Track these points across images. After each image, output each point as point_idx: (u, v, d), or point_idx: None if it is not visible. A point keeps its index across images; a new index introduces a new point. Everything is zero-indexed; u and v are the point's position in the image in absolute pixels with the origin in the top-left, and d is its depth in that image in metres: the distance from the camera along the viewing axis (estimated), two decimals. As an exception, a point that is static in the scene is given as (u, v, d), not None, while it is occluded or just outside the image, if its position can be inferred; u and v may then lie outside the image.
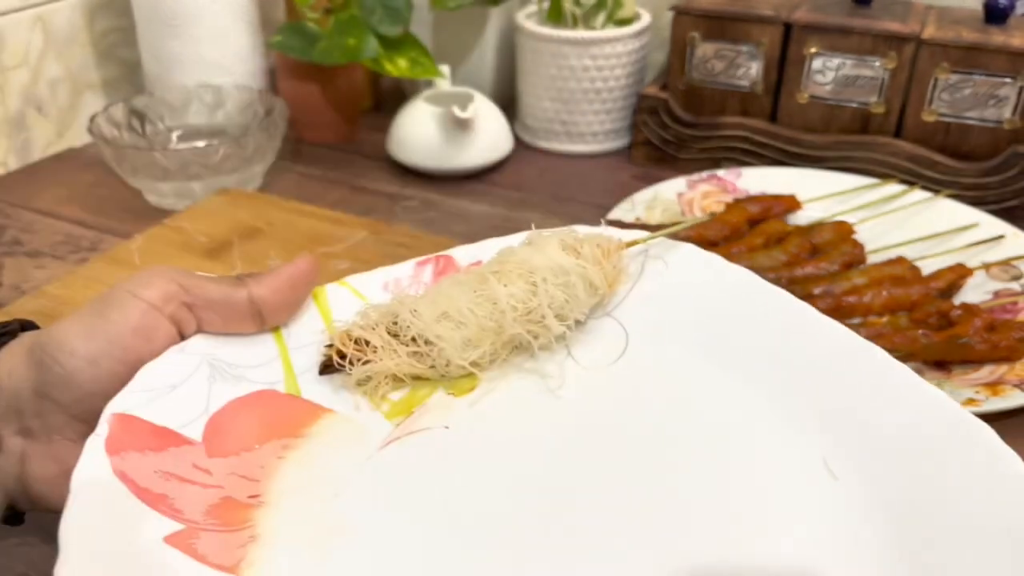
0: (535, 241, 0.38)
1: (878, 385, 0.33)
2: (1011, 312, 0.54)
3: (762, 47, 0.71)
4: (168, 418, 0.32)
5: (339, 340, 0.36)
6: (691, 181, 0.68)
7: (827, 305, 0.53)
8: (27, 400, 0.31)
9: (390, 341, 0.35)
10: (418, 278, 0.40)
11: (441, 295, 0.36)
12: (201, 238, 0.62)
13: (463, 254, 0.41)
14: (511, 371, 0.37)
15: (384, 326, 0.36)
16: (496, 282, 0.36)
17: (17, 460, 0.32)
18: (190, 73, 0.77)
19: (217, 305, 0.34)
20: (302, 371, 0.36)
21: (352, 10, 0.74)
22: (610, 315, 0.39)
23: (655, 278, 0.40)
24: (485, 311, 0.36)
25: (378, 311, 0.37)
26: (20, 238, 0.66)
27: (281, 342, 0.36)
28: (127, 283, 0.33)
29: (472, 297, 0.36)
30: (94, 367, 0.31)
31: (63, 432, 0.32)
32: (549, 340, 0.37)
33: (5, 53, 0.74)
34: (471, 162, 0.73)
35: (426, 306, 0.36)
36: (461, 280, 0.37)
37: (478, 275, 0.37)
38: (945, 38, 0.65)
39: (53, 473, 0.32)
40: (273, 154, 0.71)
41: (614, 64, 0.76)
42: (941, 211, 0.63)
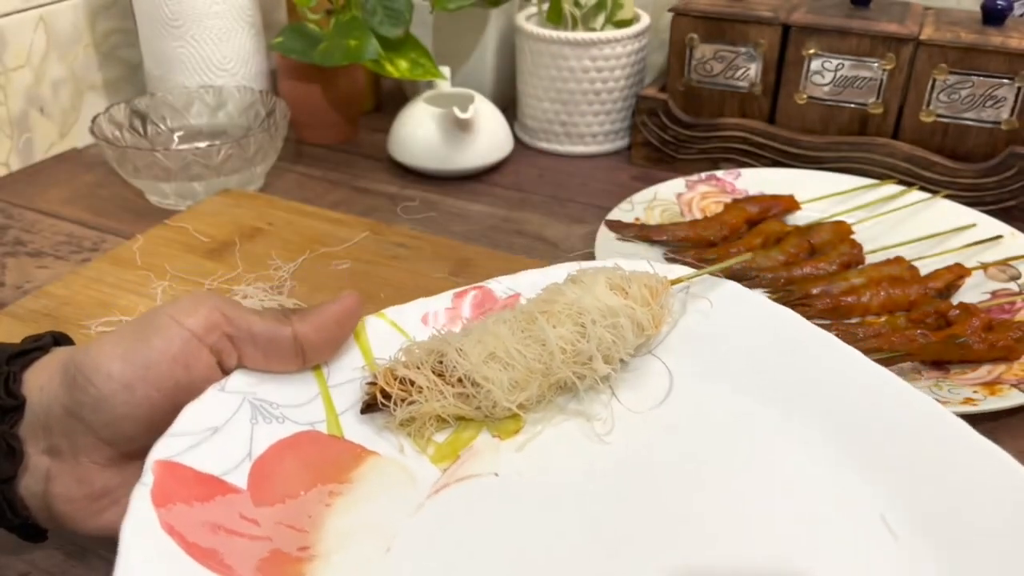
0: (582, 279, 0.38)
1: (935, 439, 0.32)
2: (1009, 312, 0.54)
3: (761, 48, 0.71)
4: (212, 464, 0.31)
5: (383, 379, 0.35)
6: (690, 182, 0.68)
7: (825, 305, 0.53)
8: (57, 418, 0.31)
9: (436, 381, 0.35)
10: (457, 309, 0.40)
11: (488, 334, 0.35)
12: (203, 238, 0.62)
13: (500, 286, 0.41)
14: (555, 412, 0.37)
15: (430, 365, 0.35)
16: (545, 323, 0.35)
17: (42, 478, 0.32)
18: (192, 74, 0.78)
19: (260, 340, 0.33)
20: (343, 409, 0.35)
21: (353, 12, 0.74)
22: (654, 354, 0.39)
23: (698, 316, 0.39)
24: (533, 352, 0.35)
25: (422, 349, 0.36)
26: (22, 238, 0.66)
27: (321, 379, 0.36)
28: (171, 307, 0.32)
29: (520, 337, 0.35)
30: (128, 392, 0.31)
31: (90, 454, 0.32)
32: (595, 381, 0.37)
33: (8, 54, 0.75)
34: (471, 163, 0.74)
35: (472, 345, 0.35)
36: (507, 318, 0.36)
37: (526, 314, 0.36)
38: (943, 39, 0.66)
39: (77, 495, 0.32)
40: (274, 155, 0.71)
41: (613, 65, 0.76)
42: (939, 211, 0.64)
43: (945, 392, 0.47)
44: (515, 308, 0.37)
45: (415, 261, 0.60)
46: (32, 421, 0.31)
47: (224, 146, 0.65)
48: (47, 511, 0.32)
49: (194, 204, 0.68)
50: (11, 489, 0.31)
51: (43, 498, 0.32)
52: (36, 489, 0.32)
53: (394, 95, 0.92)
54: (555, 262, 0.60)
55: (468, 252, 0.61)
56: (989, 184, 0.66)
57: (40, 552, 0.39)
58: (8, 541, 0.39)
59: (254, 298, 0.55)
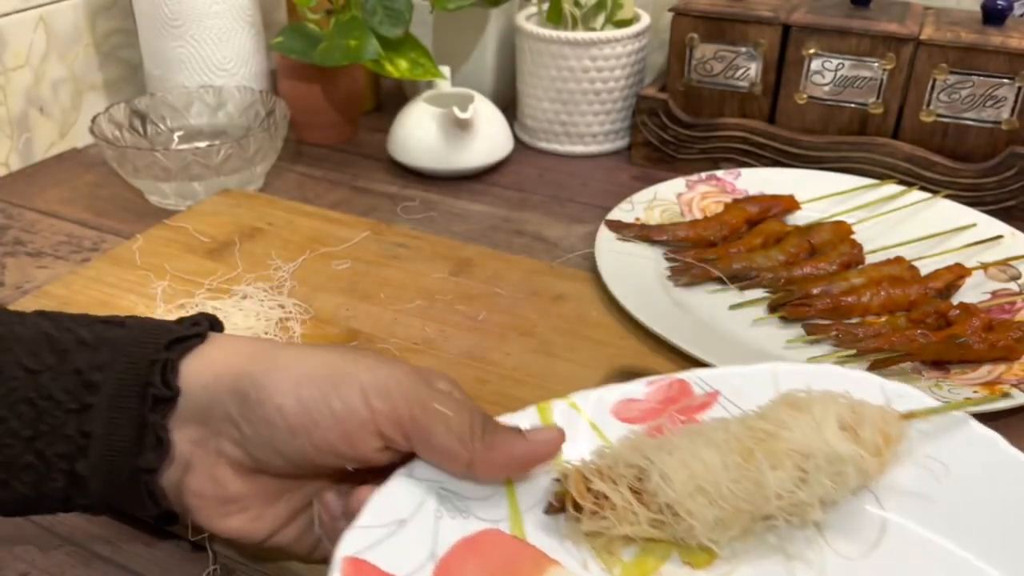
0: (810, 409, 0.33)
1: None
2: (1009, 312, 0.54)
3: (761, 48, 0.71)
4: (398, 563, 0.30)
5: (575, 487, 0.32)
6: (690, 182, 0.68)
7: (825, 305, 0.53)
8: (215, 419, 0.31)
9: (631, 502, 0.32)
10: (648, 402, 0.37)
11: (695, 459, 0.32)
12: (203, 238, 0.62)
13: (699, 381, 0.38)
14: (754, 543, 0.34)
15: (627, 482, 0.32)
16: (763, 461, 0.32)
17: (182, 467, 0.32)
18: (191, 74, 0.78)
19: (434, 452, 0.31)
20: (527, 508, 0.33)
21: (353, 11, 0.74)
22: (869, 490, 0.35)
23: (926, 457, 0.35)
24: (744, 491, 0.32)
25: (618, 458, 0.33)
26: (22, 238, 0.66)
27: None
28: (366, 374, 0.30)
29: (733, 474, 0.32)
30: (289, 435, 0.30)
31: (231, 459, 0.31)
32: (803, 522, 0.33)
33: (8, 54, 0.75)
34: (471, 163, 0.74)
35: (677, 469, 0.32)
36: (718, 442, 0.33)
37: (740, 442, 0.33)
38: (943, 39, 0.66)
39: (209, 493, 0.32)
40: (274, 155, 0.71)
41: (613, 65, 0.76)
42: (939, 211, 0.64)
43: (945, 392, 0.46)
44: (726, 428, 0.34)
45: (415, 261, 0.60)
46: (186, 413, 0.31)
47: (224, 146, 0.65)
48: (178, 499, 0.32)
49: (194, 204, 0.68)
50: (153, 480, 0.31)
51: (177, 485, 0.32)
52: (173, 477, 0.32)
53: (394, 95, 0.92)
54: (555, 262, 0.61)
55: (468, 252, 0.61)
56: (989, 184, 0.66)
57: (40, 552, 0.39)
58: (8, 541, 0.39)
59: (254, 298, 0.55)
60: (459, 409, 0.31)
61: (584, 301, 0.56)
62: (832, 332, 0.52)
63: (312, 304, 0.55)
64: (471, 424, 0.31)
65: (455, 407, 0.31)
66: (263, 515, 0.33)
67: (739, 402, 0.37)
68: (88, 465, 0.31)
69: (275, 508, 0.33)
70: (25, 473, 0.31)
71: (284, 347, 0.32)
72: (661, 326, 0.50)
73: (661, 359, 0.50)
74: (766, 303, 0.55)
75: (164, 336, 0.32)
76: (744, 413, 0.35)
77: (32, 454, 0.31)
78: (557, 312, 0.55)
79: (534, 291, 0.57)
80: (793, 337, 0.53)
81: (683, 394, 0.37)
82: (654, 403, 0.37)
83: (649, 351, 0.50)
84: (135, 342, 0.32)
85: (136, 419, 0.31)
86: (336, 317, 0.54)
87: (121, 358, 0.31)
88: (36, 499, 0.32)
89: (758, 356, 0.50)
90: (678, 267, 0.59)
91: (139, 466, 0.31)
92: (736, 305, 0.55)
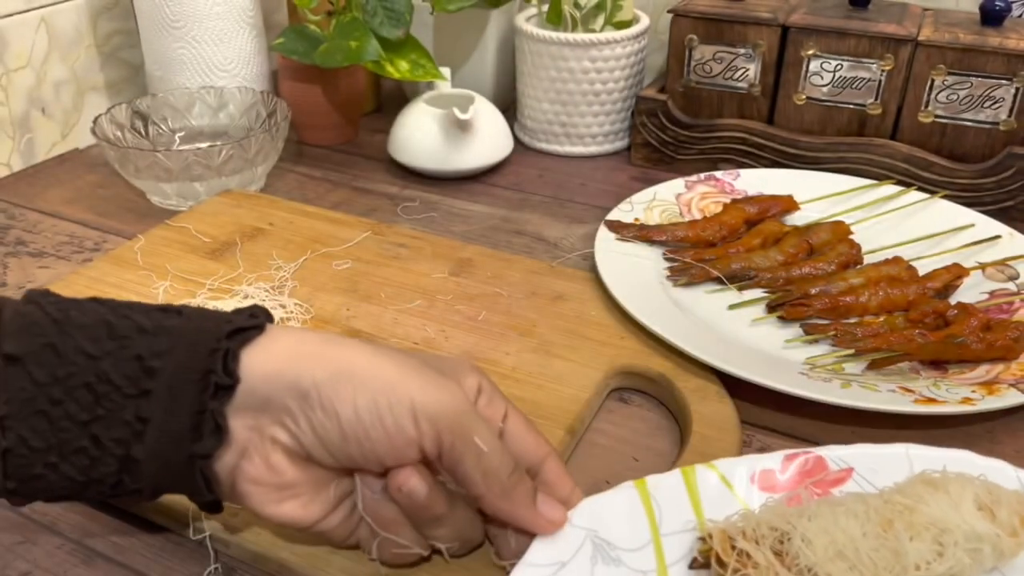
0: (946, 487, 0.35)
1: None
2: (1007, 312, 0.54)
3: (760, 49, 0.72)
4: None
5: (720, 544, 0.34)
6: (689, 182, 0.68)
7: (824, 305, 0.54)
8: (274, 408, 0.32)
9: (773, 562, 0.34)
10: (784, 473, 0.39)
11: (836, 527, 0.34)
12: (204, 239, 0.62)
13: (834, 457, 0.39)
14: None
15: (769, 543, 0.34)
16: (903, 532, 0.33)
17: (238, 452, 0.32)
18: (193, 75, 0.78)
19: (456, 477, 0.33)
20: (672, 562, 0.36)
21: (354, 13, 0.75)
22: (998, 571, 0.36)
23: None
24: (883, 561, 0.33)
25: (761, 522, 0.35)
26: (24, 238, 0.66)
27: (654, 526, 0.36)
28: (420, 391, 0.32)
29: (872, 542, 0.34)
30: (341, 440, 0.32)
31: (285, 447, 0.32)
32: None
33: (9, 55, 0.75)
34: (471, 163, 0.74)
35: (817, 534, 0.34)
36: (858, 513, 0.35)
37: (879, 514, 0.35)
38: (941, 40, 0.66)
39: (266, 480, 0.33)
40: (275, 155, 0.72)
41: (613, 66, 0.76)
42: (937, 212, 0.64)
43: (943, 392, 0.47)
44: (864, 501, 0.35)
45: (415, 261, 0.60)
46: (243, 401, 0.32)
47: (225, 147, 0.65)
48: (231, 486, 0.33)
49: (195, 204, 0.68)
50: (209, 465, 0.32)
51: (231, 472, 0.33)
52: (228, 461, 0.32)
53: (394, 96, 0.92)
54: (555, 262, 0.61)
55: (468, 252, 0.61)
56: (987, 184, 0.67)
57: (42, 551, 0.39)
58: (9, 540, 0.40)
59: (256, 298, 0.55)
60: (495, 450, 0.33)
61: (584, 301, 0.56)
62: (830, 332, 0.52)
63: (313, 304, 0.55)
64: (499, 466, 0.33)
65: (492, 446, 0.33)
66: (314, 500, 0.34)
67: (873, 480, 0.38)
68: (144, 449, 0.31)
69: (325, 494, 0.34)
70: (77, 457, 0.31)
71: (345, 347, 0.33)
72: (660, 326, 0.51)
73: (660, 359, 0.50)
74: (765, 303, 0.55)
75: (224, 326, 0.33)
76: (879, 490, 0.36)
77: (87, 438, 0.31)
78: (557, 312, 0.55)
79: (534, 291, 0.57)
80: (792, 337, 0.53)
81: (818, 469, 0.39)
82: (791, 475, 0.39)
83: (648, 351, 0.51)
84: (195, 330, 0.32)
85: (194, 405, 0.31)
86: (337, 317, 0.54)
87: (181, 345, 0.32)
88: (84, 484, 0.32)
89: (757, 356, 0.51)
90: (677, 267, 0.59)
91: (196, 452, 0.31)
92: (735, 305, 0.56)
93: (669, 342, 0.50)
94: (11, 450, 0.31)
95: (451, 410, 0.32)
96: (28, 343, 0.31)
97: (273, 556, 0.38)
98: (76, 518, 0.41)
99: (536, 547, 0.34)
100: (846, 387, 0.47)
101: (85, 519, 0.41)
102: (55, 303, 0.32)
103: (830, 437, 0.47)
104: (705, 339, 0.51)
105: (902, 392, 0.46)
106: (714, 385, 0.48)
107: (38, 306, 0.32)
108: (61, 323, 0.32)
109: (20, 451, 0.31)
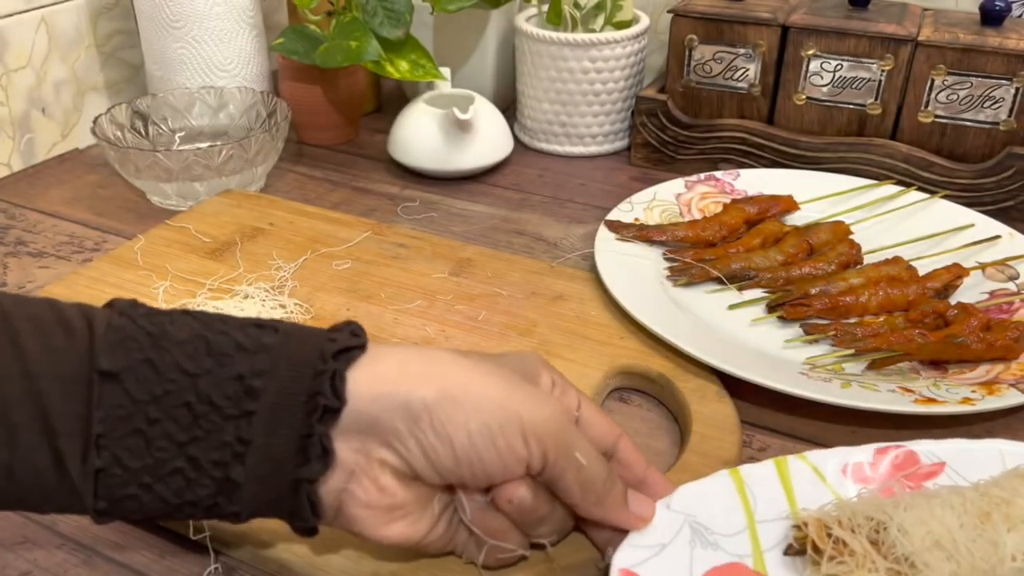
0: None
1: None
2: (1007, 312, 0.54)
3: (759, 49, 0.72)
4: None
5: (816, 531, 0.35)
6: (689, 182, 0.68)
7: (824, 305, 0.54)
8: (382, 431, 0.31)
9: (870, 551, 0.34)
10: (876, 466, 0.40)
11: (932, 517, 0.35)
12: (204, 239, 0.62)
13: (926, 451, 0.40)
14: None
15: (865, 532, 0.35)
16: (1001, 523, 0.34)
17: (346, 475, 0.32)
18: (193, 75, 0.78)
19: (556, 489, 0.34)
20: (768, 547, 0.37)
21: (354, 13, 0.75)
22: None
23: None
24: (981, 551, 0.34)
25: (857, 511, 0.35)
26: (24, 238, 0.66)
27: (749, 513, 0.37)
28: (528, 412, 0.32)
29: (969, 533, 0.34)
30: (454, 464, 0.32)
31: (393, 468, 0.32)
32: None
33: (10, 55, 0.75)
34: (471, 163, 0.74)
35: (914, 525, 0.34)
36: (954, 504, 0.35)
37: (976, 506, 0.35)
38: (941, 40, 0.66)
39: (377, 503, 0.32)
40: (275, 155, 0.72)
41: (613, 67, 0.76)
42: (937, 212, 0.64)
43: (943, 392, 0.47)
44: (960, 493, 0.36)
45: (415, 261, 0.60)
46: (352, 423, 0.31)
47: (225, 147, 0.65)
48: (338, 509, 0.32)
49: (195, 204, 0.68)
50: (315, 490, 0.31)
51: (338, 495, 0.32)
52: (335, 486, 0.32)
53: (395, 96, 0.92)
54: (555, 262, 0.61)
55: (468, 252, 0.61)
56: (987, 184, 0.67)
57: (42, 551, 0.39)
58: (9, 540, 0.40)
59: (256, 298, 0.55)
60: (592, 462, 0.34)
61: (584, 301, 0.56)
62: (830, 332, 0.52)
63: (313, 304, 0.55)
64: (595, 478, 0.34)
65: (590, 458, 0.33)
66: (421, 518, 0.34)
67: (965, 474, 0.39)
68: (244, 472, 0.31)
69: (430, 509, 0.34)
70: (172, 478, 0.30)
71: (448, 365, 0.33)
72: (660, 326, 0.51)
73: (660, 359, 0.50)
74: (765, 303, 0.55)
75: (328, 345, 0.32)
76: (974, 483, 0.37)
77: (183, 459, 0.30)
78: (557, 312, 0.55)
79: (534, 291, 0.57)
80: (791, 337, 0.53)
81: (909, 462, 0.40)
82: (883, 469, 0.40)
83: (648, 351, 0.51)
84: (297, 349, 0.31)
85: (301, 428, 0.31)
86: (337, 317, 0.54)
87: (283, 365, 0.31)
88: (178, 505, 0.31)
89: (757, 356, 0.51)
90: (677, 267, 0.59)
91: (302, 476, 0.31)
92: (735, 305, 0.56)
93: (669, 342, 0.50)
94: (104, 470, 0.30)
95: (555, 427, 0.33)
96: (125, 359, 0.30)
97: (273, 556, 0.38)
98: (76, 518, 0.41)
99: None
100: (846, 387, 0.47)
101: (85, 520, 0.41)
102: (147, 315, 0.31)
103: (830, 437, 0.47)
104: (705, 339, 0.51)
105: (902, 392, 0.46)
106: (714, 385, 0.48)
107: (130, 319, 0.31)
108: (157, 337, 0.31)
109: (114, 471, 0.30)
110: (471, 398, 0.32)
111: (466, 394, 0.32)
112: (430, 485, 0.33)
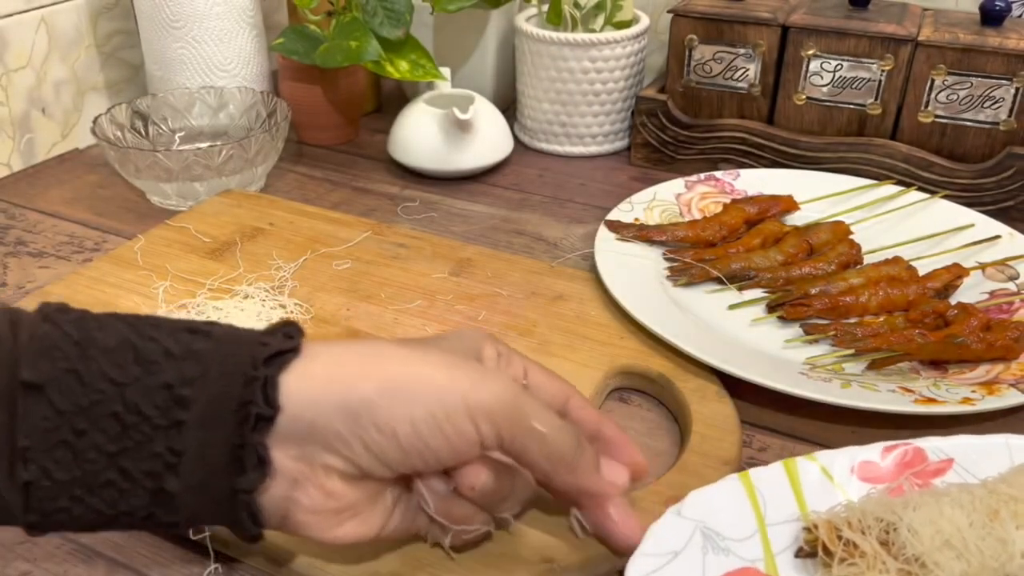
0: None
1: None
2: (1007, 312, 0.54)
3: (760, 49, 0.72)
4: None
5: (826, 533, 0.35)
6: (689, 182, 0.68)
7: (824, 305, 0.54)
8: (321, 434, 0.30)
9: (880, 552, 0.34)
10: (885, 463, 0.40)
11: (942, 516, 0.35)
12: (204, 239, 0.62)
13: (933, 448, 0.40)
14: None
15: (875, 533, 0.35)
16: (1010, 521, 0.34)
17: (289, 483, 0.31)
18: (193, 75, 0.78)
19: (524, 464, 0.33)
20: (779, 551, 0.37)
21: (354, 13, 0.75)
22: None
23: None
24: (991, 549, 0.34)
25: (866, 513, 0.36)
26: (24, 238, 0.66)
27: (759, 516, 0.37)
28: (473, 391, 0.31)
29: (979, 531, 0.34)
30: (402, 455, 0.31)
31: (340, 471, 0.31)
32: None
33: (10, 55, 0.75)
34: (471, 163, 0.74)
35: (923, 524, 0.34)
36: (962, 502, 0.35)
37: (984, 503, 0.35)
38: (941, 40, 0.66)
39: (324, 507, 0.32)
40: (275, 155, 0.72)
41: (613, 66, 0.76)
42: (937, 212, 0.64)
43: (943, 392, 0.47)
44: (969, 491, 0.36)
45: (415, 261, 0.60)
46: (288, 429, 0.30)
47: (225, 147, 0.65)
48: (282, 515, 0.32)
49: (195, 204, 0.68)
50: (253, 499, 0.30)
51: (283, 502, 0.31)
52: (277, 493, 0.31)
53: (395, 96, 0.92)
54: (555, 262, 0.61)
55: (468, 252, 0.61)
56: (987, 184, 0.67)
57: (42, 551, 0.39)
58: (9, 540, 0.40)
59: (255, 298, 0.55)
60: (554, 428, 0.33)
61: (584, 301, 0.56)
62: (830, 332, 0.52)
63: (313, 304, 0.55)
64: (562, 444, 0.33)
65: (551, 425, 0.33)
66: (372, 513, 0.33)
67: (974, 470, 0.39)
68: (179, 483, 0.30)
69: (382, 503, 0.34)
70: (104, 490, 0.30)
71: (385, 358, 0.32)
72: (660, 326, 0.51)
73: (660, 359, 0.50)
74: (765, 303, 0.55)
75: (259, 350, 0.31)
76: (982, 480, 0.37)
77: (115, 470, 0.30)
78: (557, 312, 0.55)
79: (534, 291, 0.57)
80: (791, 337, 0.53)
81: (917, 459, 0.40)
82: (890, 467, 0.40)
83: (648, 351, 0.51)
84: (227, 355, 0.30)
85: (233, 438, 0.30)
86: (337, 317, 0.54)
87: (214, 372, 0.30)
88: (113, 516, 0.30)
89: (757, 356, 0.51)
90: (677, 267, 0.59)
91: (239, 486, 0.30)
92: (735, 305, 0.56)
93: (669, 342, 0.50)
94: (33, 483, 0.29)
95: (504, 402, 0.32)
96: (49, 369, 0.29)
97: (273, 556, 0.38)
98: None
99: (649, 538, 0.35)
100: (846, 387, 0.47)
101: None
102: (74, 321, 0.30)
103: (830, 437, 0.47)
104: (705, 339, 0.51)
105: (902, 392, 0.46)
106: (714, 385, 0.48)
107: (56, 325, 0.30)
108: (83, 345, 0.30)
109: (43, 484, 0.29)
110: (411, 387, 0.31)
111: (406, 384, 0.31)
112: (381, 479, 0.32)
